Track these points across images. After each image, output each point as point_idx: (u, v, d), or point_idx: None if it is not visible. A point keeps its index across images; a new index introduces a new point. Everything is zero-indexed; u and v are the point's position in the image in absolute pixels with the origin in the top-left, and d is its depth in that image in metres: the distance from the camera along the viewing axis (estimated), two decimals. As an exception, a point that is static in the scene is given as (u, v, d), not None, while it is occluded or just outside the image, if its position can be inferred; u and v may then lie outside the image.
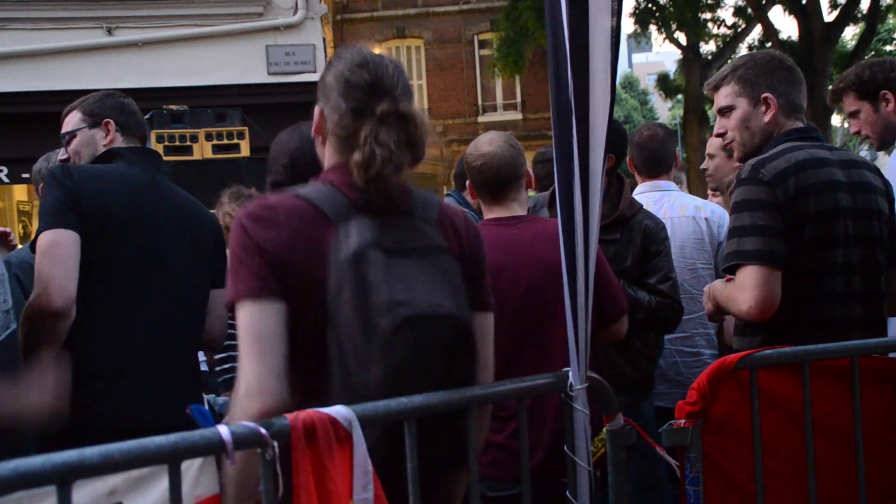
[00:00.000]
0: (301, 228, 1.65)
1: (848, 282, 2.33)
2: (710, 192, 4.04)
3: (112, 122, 2.69)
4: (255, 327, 1.58)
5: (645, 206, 3.41)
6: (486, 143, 2.69)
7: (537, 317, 2.53)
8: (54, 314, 2.23)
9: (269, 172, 2.44)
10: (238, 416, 1.51)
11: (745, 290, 2.26)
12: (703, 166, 3.84)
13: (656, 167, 3.61)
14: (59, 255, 2.27)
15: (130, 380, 2.38)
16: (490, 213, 2.72)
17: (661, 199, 3.52)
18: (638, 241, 3.07)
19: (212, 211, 4.55)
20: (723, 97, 2.55)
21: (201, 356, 3.28)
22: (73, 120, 2.72)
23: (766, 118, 2.47)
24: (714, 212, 3.50)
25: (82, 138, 2.70)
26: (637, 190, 3.61)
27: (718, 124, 2.60)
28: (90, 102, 2.73)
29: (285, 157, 2.38)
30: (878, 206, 2.41)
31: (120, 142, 2.68)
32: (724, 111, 2.56)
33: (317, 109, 1.81)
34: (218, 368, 3.75)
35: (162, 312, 2.47)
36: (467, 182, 2.84)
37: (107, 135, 2.69)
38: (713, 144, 3.89)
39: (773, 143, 2.44)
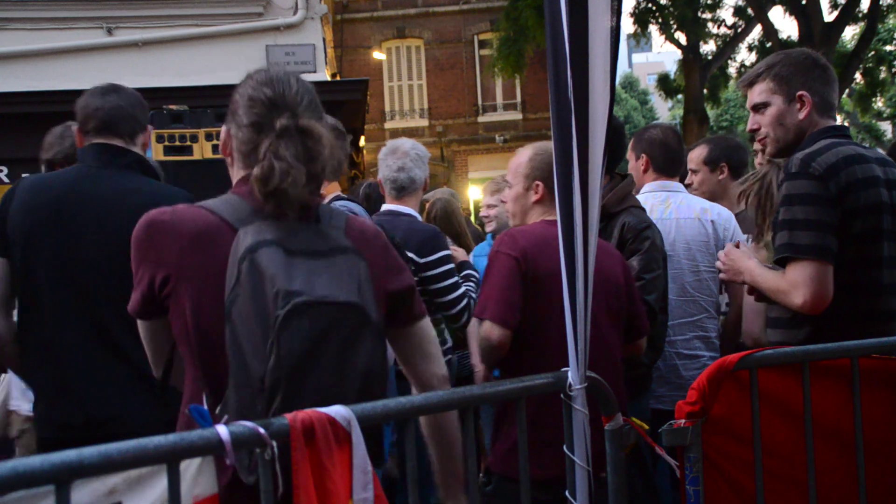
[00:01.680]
0: (200, 236, 1.67)
1: (893, 274, 2.39)
2: None
3: (76, 126, 2.68)
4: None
5: (652, 206, 3.41)
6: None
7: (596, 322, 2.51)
8: None
9: None
10: None
11: (798, 284, 2.28)
12: (686, 181, 3.83)
13: (674, 165, 3.62)
14: None
15: (70, 392, 2.37)
16: (548, 216, 2.67)
17: (668, 199, 3.51)
18: (615, 236, 3.03)
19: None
20: (757, 94, 2.58)
21: None
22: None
23: (801, 115, 2.50)
24: (721, 214, 3.49)
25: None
26: (644, 189, 3.60)
27: (752, 120, 2.62)
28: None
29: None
30: None
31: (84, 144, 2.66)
32: (759, 108, 2.58)
33: (223, 129, 1.85)
34: None
35: (87, 317, 2.42)
36: (539, 184, 2.73)
37: (78, 140, 2.69)
38: (693, 159, 3.89)
39: (810, 140, 2.46)
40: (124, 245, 2.38)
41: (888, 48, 24.35)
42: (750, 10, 18.71)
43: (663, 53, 52.92)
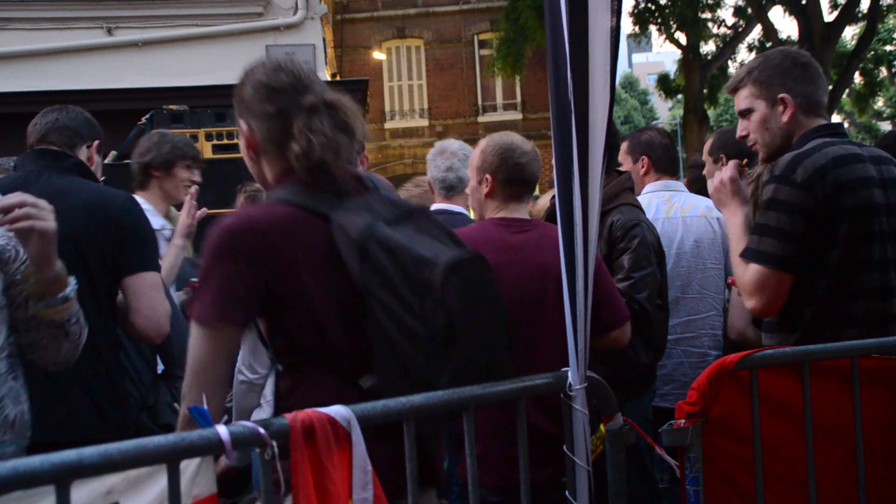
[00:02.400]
0: (291, 230, 1.73)
1: (885, 277, 2.35)
2: None
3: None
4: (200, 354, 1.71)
5: (657, 206, 3.42)
6: (523, 142, 2.70)
7: (530, 321, 2.50)
8: None
9: None
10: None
11: (753, 289, 2.32)
12: (706, 171, 3.85)
13: (675, 165, 3.72)
14: None
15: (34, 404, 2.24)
16: (500, 213, 2.67)
17: (672, 198, 3.53)
18: (604, 235, 3.00)
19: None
20: (741, 100, 2.56)
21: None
22: None
23: (785, 118, 2.47)
24: None
25: None
26: (646, 189, 3.61)
27: (740, 126, 2.60)
28: None
29: None
30: None
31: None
32: (745, 114, 2.56)
33: (243, 125, 1.86)
34: None
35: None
36: (489, 177, 2.73)
37: None
38: (704, 149, 3.92)
39: (801, 141, 2.43)
40: (68, 243, 2.27)
41: (888, 48, 24.35)
42: (750, 10, 18.70)
43: (663, 53, 52.90)
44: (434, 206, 3.71)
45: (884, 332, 2.28)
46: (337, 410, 1.51)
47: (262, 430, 1.41)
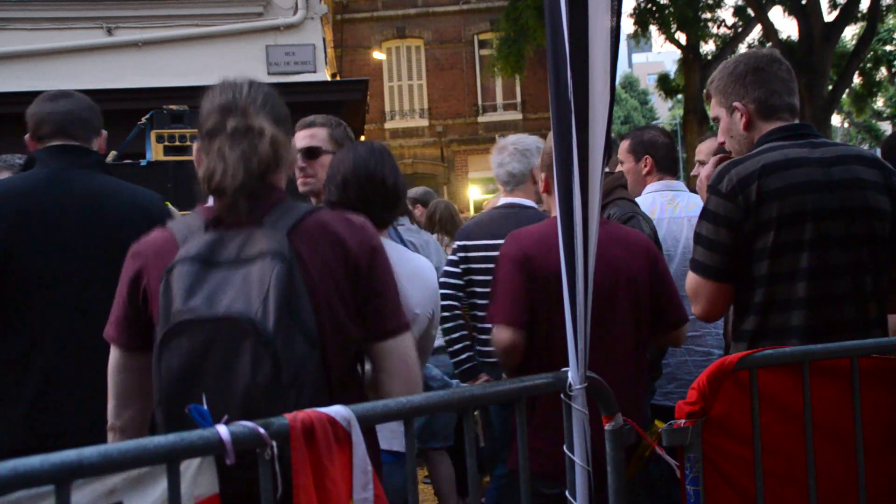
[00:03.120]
0: (155, 256, 1.75)
1: (823, 285, 2.28)
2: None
3: (27, 136, 2.61)
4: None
5: (661, 205, 3.43)
6: None
7: (603, 319, 2.48)
8: None
9: (323, 192, 2.51)
10: None
11: (692, 296, 2.44)
12: (693, 172, 3.86)
13: (677, 165, 3.76)
14: None
15: (51, 402, 2.33)
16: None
17: (675, 198, 3.55)
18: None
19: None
20: (711, 109, 2.62)
21: None
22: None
23: (742, 125, 2.49)
24: None
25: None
26: (648, 189, 3.62)
27: (718, 134, 2.64)
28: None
29: (338, 176, 2.45)
30: (869, 204, 2.33)
31: (36, 147, 2.58)
32: (716, 122, 2.62)
33: (195, 147, 1.89)
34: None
35: (73, 326, 2.37)
36: (543, 176, 2.76)
37: (31, 147, 2.62)
38: (703, 150, 3.92)
39: (757, 144, 2.44)
40: (117, 242, 2.35)
41: (888, 48, 24.35)
42: (750, 10, 18.70)
43: (663, 53, 52.90)
44: (502, 200, 3.78)
45: (825, 342, 2.20)
46: (337, 410, 1.51)
47: (262, 430, 1.41)
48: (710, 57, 20.45)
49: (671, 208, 3.47)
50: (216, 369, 1.54)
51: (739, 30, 20.62)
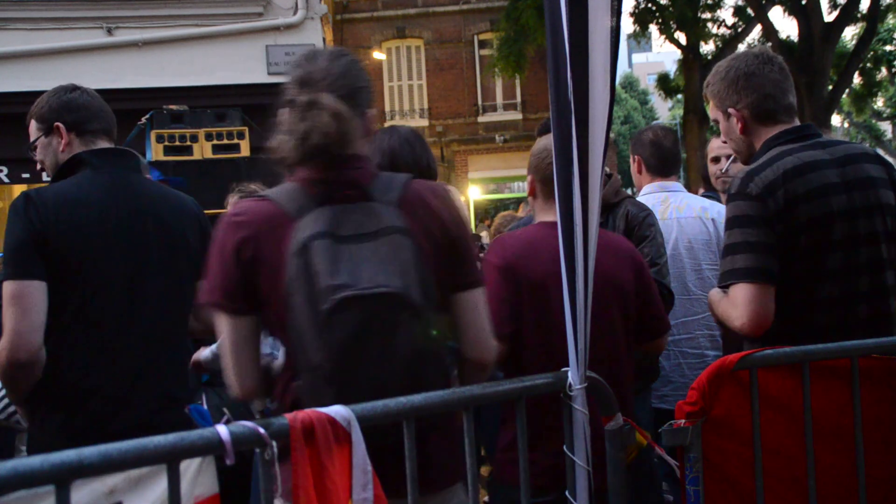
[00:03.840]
0: (266, 227, 1.80)
1: (848, 285, 2.31)
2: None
3: (62, 125, 2.48)
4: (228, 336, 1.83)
5: (652, 207, 3.41)
6: None
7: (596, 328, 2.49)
8: (20, 366, 2.23)
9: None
10: None
11: (737, 306, 2.27)
12: (712, 170, 3.86)
13: (669, 166, 3.62)
14: (24, 306, 2.21)
15: (123, 396, 2.35)
16: (547, 216, 2.57)
17: (668, 199, 3.52)
18: (621, 226, 3.06)
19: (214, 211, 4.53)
20: (710, 111, 2.62)
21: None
22: (32, 129, 2.56)
23: (738, 130, 2.49)
24: (721, 213, 3.47)
25: (42, 148, 2.54)
26: (644, 190, 3.61)
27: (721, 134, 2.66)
28: (41, 106, 2.53)
29: (379, 156, 2.44)
30: (881, 200, 2.36)
31: (77, 145, 2.48)
32: (715, 123, 2.61)
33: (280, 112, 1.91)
34: None
35: (143, 326, 2.40)
36: (530, 179, 2.72)
37: (61, 140, 2.49)
38: (714, 147, 3.92)
39: (762, 150, 2.42)
40: (180, 243, 2.48)
41: (888, 48, 24.35)
42: (750, 10, 18.70)
43: (663, 53, 52.91)
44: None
45: (859, 338, 2.22)
46: (337, 410, 1.51)
47: (262, 430, 1.41)
48: (710, 57, 20.45)
49: (662, 210, 3.45)
50: (379, 340, 1.68)
51: (739, 30, 20.62)
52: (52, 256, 2.27)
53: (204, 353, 2.98)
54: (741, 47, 20.89)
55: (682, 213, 3.47)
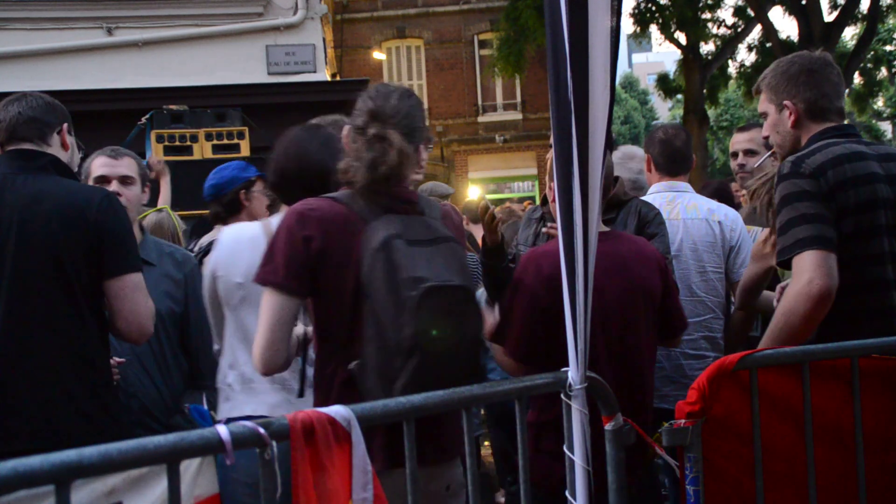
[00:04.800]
0: (338, 225, 2.08)
1: (893, 270, 2.38)
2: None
3: None
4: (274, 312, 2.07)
5: (659, 206, 3.42)
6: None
7: (629, 336, 2.53)
8: None
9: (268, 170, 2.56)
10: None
11: (808, 272, 2.26)
12: (734, 166, 3.89)
13: (679, 165, 3.61)
14: None
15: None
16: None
17: (675, 199, 3.51)
18: (632, 223, 3.09)
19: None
20: (760, 103, 2.68)
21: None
22: None
23: (789, 123, 2.56)
24: (728, 215, 3.48)
25: None
26: (651, 189, 3.60)
27: (763, 128, 2.71)
28: None
29: (274, 157, 2.53)
30: None
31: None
32: (763, 116, 2.67)
33: (345, 129, 2.24)
34: None
35: (10, 334, 2.32)
36: (550, 185, 2.73)
37: None
38: (739, 141, 3.94)
39: (809, 143, 2.51)
40: (44, 250, 2.36)
41: (888, 48, 24.35)
42: (750, 10, 18.69)
43: (663, 53, 52.92)
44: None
45: (889, 325, 2.30)
46: (337, 410, 1.51)
47: (262, 430, 1.41)
48: (710, 57, 20.44)
49: (669, 209, 3.45)
50: (455, 323, 2.01)
51: (739, 30, 20.60)
52: None
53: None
54: (741, 47, 20.94)
55: (688, 214, 3.46)
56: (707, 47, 20.99)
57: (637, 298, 2.54)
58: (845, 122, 2.58)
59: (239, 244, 2.53)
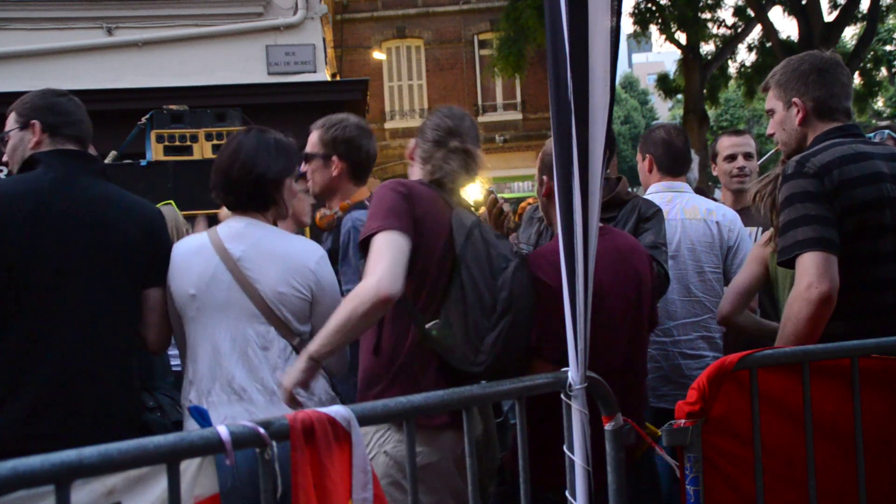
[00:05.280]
0: (434, 204, 2.41)
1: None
2: (725, 190, 4.05)
3: (38, 123, 2.52)
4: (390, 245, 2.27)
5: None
6: None
7: (634, 328, 2.55)
8: None
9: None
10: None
11: (811, 274, 2.28)
12: (715, 171, 3.87)
13: (679, 165, 3.62)
14: None
15: (54, 410, 2.31)
16: None
17: (674, 199, 3.51)
18: (632, 219, 3.11)
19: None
20: (767, 100, 2.70)
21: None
22: (10, 120, 2.60)
23: (797, 121, 2.57)
24: (726, 216, 3.48)
25: (14, 140, 2.57)
26: (650, 190, 3.60)
27: (769, 125, 2.72)
28: (23, 102, 2.58)
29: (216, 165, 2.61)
30: None
31: (47, 144, 2.51)
32: (770, 113, 2.68)
33: (412, 141, 2.67)
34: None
35: (75, 335, 2.36)
36: (545, 179, 2.73)
37: (33, 137, 2.52)
38: (732, 144, 3.94)
39: (815, 142, 2.52)
40: (121, 255, 2.44)
41: (888, 48, 24.34)
42: (750, 10, 18.69)
43: (663, 53, 52.92)
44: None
45: (889, 324, 2.30)
46: (337, 410, 1.51)
47: (262, 430, 1.41)
48: (710, 57, 20.43)
49: (668, 210, 3.45)
50: (530, 296, 2.37)
51: (739, 30, 20.60)
52: None
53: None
54: (741, 47, 20.93)
55: (686, 214, 3.46)
56: (707, 47, 20.99)
57: (634, 290, 2.56)
58: (851, 122, 2.58)
59: (188, 256, 2.53)
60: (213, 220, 4.65)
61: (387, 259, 2.22)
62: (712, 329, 3.42)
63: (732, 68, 21.92)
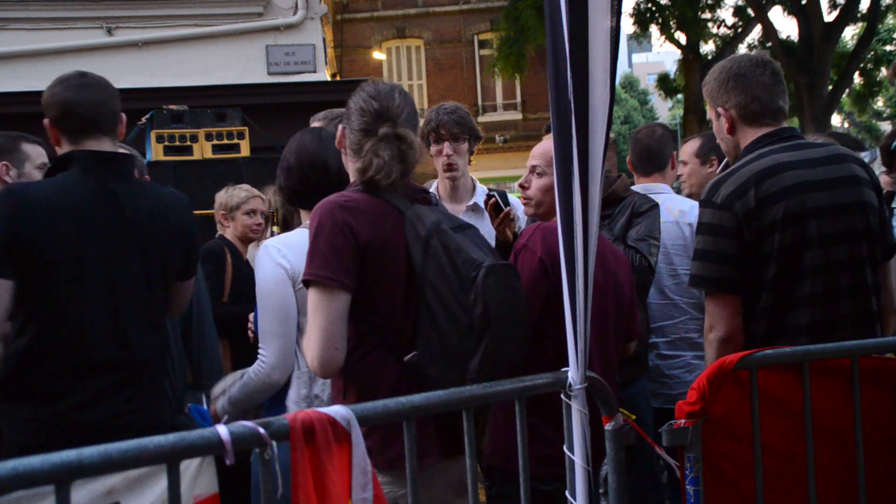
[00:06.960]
0: (380, 216, 2.09)
1: (828, 281, 2.31)
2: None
3: (47, 121, 2.42)
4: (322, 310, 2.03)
5: None
6: None
7: (603, 331, 2.53)
8: None
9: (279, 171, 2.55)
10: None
11: (707, 316, 2.38)
12: (679, 171, 3.83)
13: (649, 164, 3.59)
14: None
15: (90, 398, 2.31)
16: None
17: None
18: (626, 214, 3.14)
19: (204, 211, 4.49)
20: (708, 112, 2.66)
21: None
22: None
23: (725, 129, 2.53)
24: None
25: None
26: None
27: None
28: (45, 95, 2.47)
29: (284, 162, 2.54)
30: (862, 199, 2.38)
31: (66, 143, 2.41)
32: (710, 123, 2.65)
33: (340, 127, 2.26)
34: None
35: (119, 332, 2.36)
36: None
37: (50, 136, 2.45)
38: (685, 151, 3.90)
39: (744, 153, 2.47)
40: (162, 256, 2.45)
41: (888, 48, 24.34)
42: (750, 10, 18.71)
43: (663, 53, 52.92)
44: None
45: (832, 337, 2.24)
46: (337, 410, 1.51)
47: (262, 430, 1.41)
48: (710, 57, 20.45)
49: None
50: (515, 297, 2.08)
51: (739, 30, 20.62)
52: (23, 256, 2.24)
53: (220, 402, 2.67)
54: (741, 47, 20.92)
55: (669, 216, 3.44)
56: (707, 47, 21.02)
57: (613, 296, 2.56)
58: (784, 123, 2.49)
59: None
60: (212, 220, 4.66)
61: (318, 330, 2.02)
62: (690, 330, 3.40)
63: (732, 68, 21.89)
